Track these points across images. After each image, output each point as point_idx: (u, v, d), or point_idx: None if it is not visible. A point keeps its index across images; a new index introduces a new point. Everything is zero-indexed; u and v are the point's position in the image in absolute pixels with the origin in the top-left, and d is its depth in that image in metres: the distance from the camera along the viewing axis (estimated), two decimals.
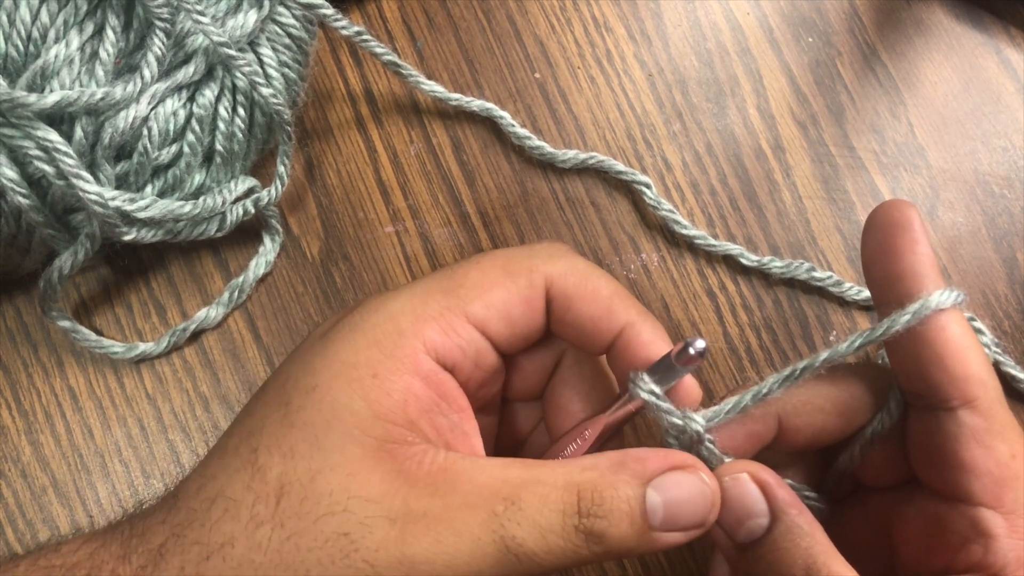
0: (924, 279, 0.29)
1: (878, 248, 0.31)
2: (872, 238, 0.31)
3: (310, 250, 0.44)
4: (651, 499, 0.27)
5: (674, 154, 0.45)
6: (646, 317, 0.31)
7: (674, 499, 0.28)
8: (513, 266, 0.31)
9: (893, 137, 0.45)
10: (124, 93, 0.36)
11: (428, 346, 0.29)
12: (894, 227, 0.30)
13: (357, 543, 0.26)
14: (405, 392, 0.28)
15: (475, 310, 0.30)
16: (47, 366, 0.43)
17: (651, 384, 0.30)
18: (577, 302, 0.31)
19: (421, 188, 0.45)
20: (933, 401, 0.30)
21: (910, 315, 0.29)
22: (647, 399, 0.30)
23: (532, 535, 0.27)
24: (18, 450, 0.42)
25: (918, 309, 0.29)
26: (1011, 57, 0.46)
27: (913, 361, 0.30)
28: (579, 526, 0.27)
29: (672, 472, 0.28)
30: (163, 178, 0.39)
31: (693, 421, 0.30)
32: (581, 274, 0.31)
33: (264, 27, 0.39)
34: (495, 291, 0.30)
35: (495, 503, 0.27)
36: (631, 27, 0.47)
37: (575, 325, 0.31)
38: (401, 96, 0.46)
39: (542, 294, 0.31)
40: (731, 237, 0.44)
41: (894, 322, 0.29)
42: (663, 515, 0.27)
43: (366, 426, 0.28)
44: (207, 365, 0.43)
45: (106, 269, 0.44)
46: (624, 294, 0.31)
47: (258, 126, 0.40)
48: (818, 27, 0.47)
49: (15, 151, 0.36)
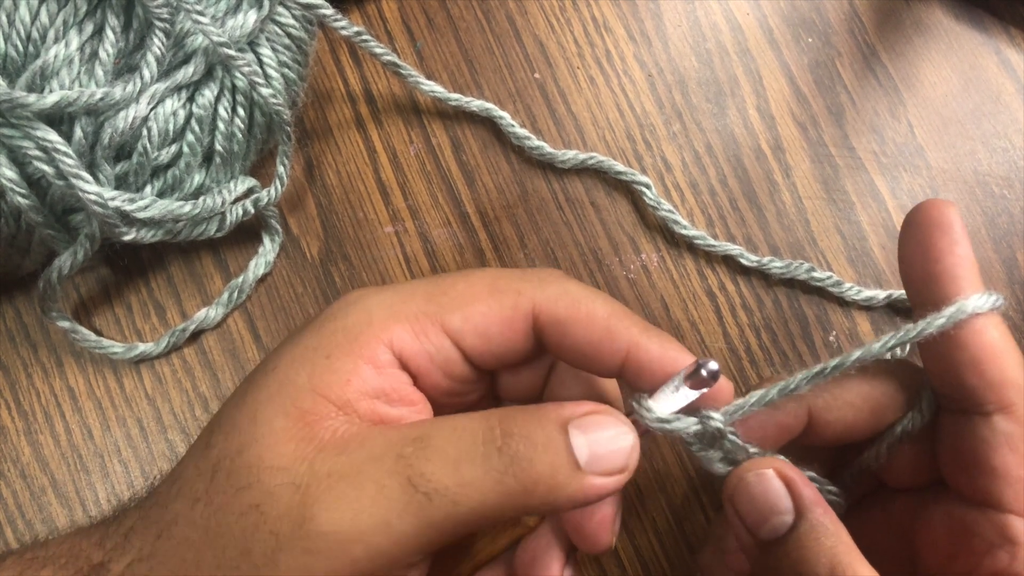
0: (962, 281, 0.29)
1: (916, 248, 0.30)
2: (911, 237, 0.30)
3: (310, 250, 0.44)
4: (575, 437, 0.26)
5: (674, 154, 0.45)
6: (651, 333, 0.30)
7: (597, 439, 0.27)
8: (500, 285, 0.30)
9: (893, 137, 0.45)
10: (124, 93, 0.36)
11: (395, 343, 0.29)
12: (933, 227, 0.29)
13: (266, 514, 0.25)
14: (351, 373, 0.28)
15: (452, 320, 0.29)
16: (47, 366, 0.43)
17: (654, 410, 0.29)
18: (572, 327, 0.29)
19: (421, 188, 0.45)
20: (967, 405, 0.29)
21: (945, 318, 0.28)
22: (654, 427, 0.29)
23: (443, 467, 0.25)
24: (17, 450, 0.42)
25: (954, 312, 0.28)
26: (1011, 57, 0.46)
27: (948, 364, 0.29)
28: (501, 448, 0.26)
29: (592, 414, 0.27)
30: (163, 178, 0.39)
31: (711, 420, 0.29)
32: (572, 298, 0.30)
33: (264, 27, 0.39)
34: (476, 306, 0.30)
35: (403, 446, 0.26)
36: (631, 27, 0.47)
37: (575, 351, 0.30)
38: (401, 96, 0.46)
39: (526, 318, 0.30)
40: (731, 237, 0.44)
41: (929, 324, 0.28)
42: (588, 453, 0.26)
43: (299, 398, 0.27)
44: (207, 365, 0.43)
45: (106, 269, 0.44)
46: (623, 313, 0.30)
47: (258, 126, 0.40)
48: (818, 27, 0.47)
49: (15, 151, 0.36)
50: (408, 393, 0.29)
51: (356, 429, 0.27)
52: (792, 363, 0.43)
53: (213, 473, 0.27)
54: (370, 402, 0.28)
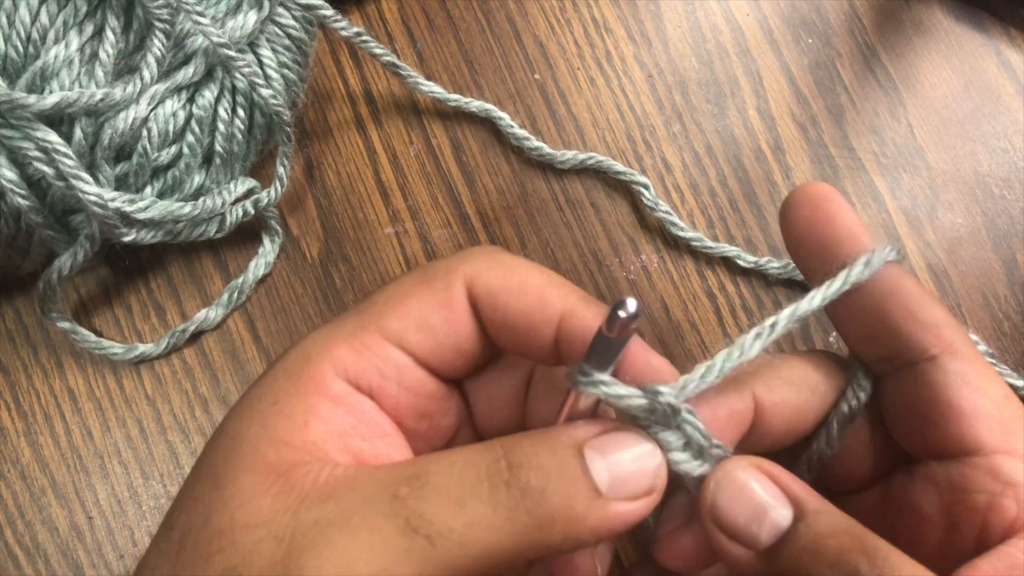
0: (864, 236, 0.28)
1: (808, 220, 0.29)
2: (799, 213, 0.29)
3: (310, 251, 0.44)
4: (592, 460, 0.24)
5: (674, 155, 0.45)
6: (588, 302, 0.27)
7: (617, 461, 0.24)
8: (429, 272, 0.28)
9: (893, 138, 0.46)
10: (124, 94, 0.36)
11: (338, 368, 0.26)
12: (822, 199, 0.29)
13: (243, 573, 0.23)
14: (306, 414, 0.25)
15: (388, 323, 0.27)
16: (46, 367, 0.43)
17: (595, 373, 0.25)
18: (503, 297, 0.27)
19: (421, 189, 0.45)
20: (908, 355, 0.28)
21: (863, 266, 0.27)
22: (594, 392, 0.25)
23: (445, 507, 0.22)
24: (17, 451, 0.42)
25: (871, 259, 0.27)
26: (1011, 58, 0.46)
27: (876, 317, 0.28)
28: (509, 481, 0.23)
29: (608, 432, 0.25)
30: (163, 179, 0.39)
31: (659, 394, 0.25)
32: (504, 267, 0.27)
33: (264, 28, 0.39)
34: (409, 300, 0.27)
35: (398, 486, 0.23)
36: (631, 28, 0.47)
37: (508, 325, 0.27)
38: (401, 97, 0.46)
39: (463, 296, 0.27)
40: (731, 238, 0.44)
41: (850, 274, 0.27)
42: (609, 477, 0.24)
43: (260, 451, 0.25)
44: (207, 366, 0.43)
45: (106, 270, 0.44)
46: (559, 282, 0.27)
47: (258, 127, 0.40)
48: (818, 28, 0.47)
49: (15, 152, 0.36)
50: (378, 420, 0.27)
51: (341, 472, 0.24)
52: None
53: (179, 550, 0.24)
54: (340, 440, 0.25)
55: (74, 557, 0.41)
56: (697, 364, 0.26)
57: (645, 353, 0.27)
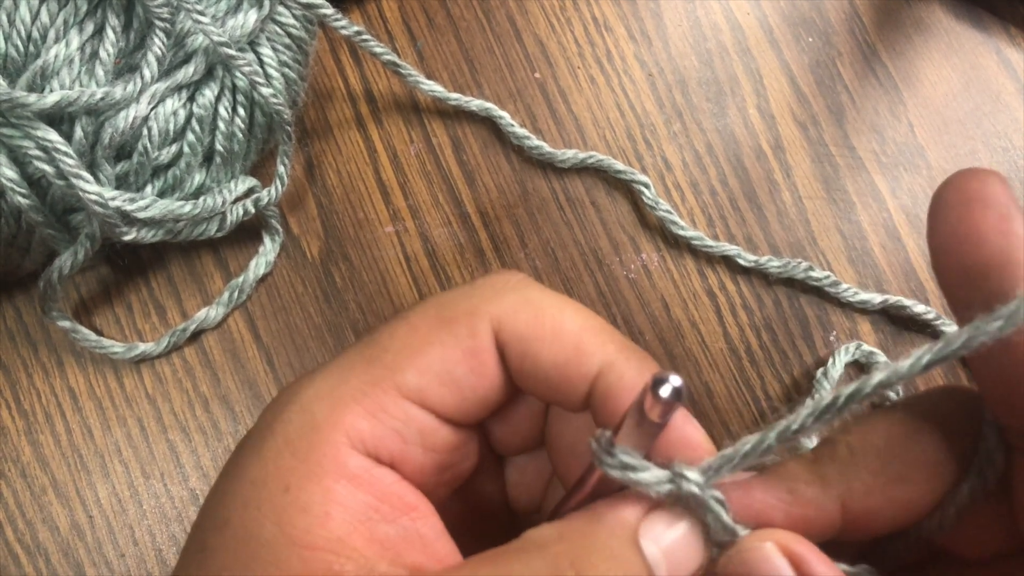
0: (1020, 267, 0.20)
1: (952, 233, 0.21)
2: (942, 221, 0.21)
3: (310, 250, 0.44)
4: (649, 551, 0.22)
5: (674, 154, 0.45)
6: (630, 353, 0.24)
7: (670, 546, 0.22)
8: (448, 312, 0.24)
9: (893, 137, 0.45)
10: (124, 93, 0.36)
11: (353, 438, 0.23)
12: (973, 203, 0.21)
13: None
14: (325, 503, 0.22)
15: (406, 380, 0.23)
16: (47, 366, 0.43)
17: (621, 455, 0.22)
18: (535, 344, 0.24)
19: (421, 188, 0.45)
20: None
21: (1003, 320, 0.19)
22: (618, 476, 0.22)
23: None
24: (18, 450, 0.42)
25: (1014, 312, 0.19)
26: (1011, 57, 0.46)
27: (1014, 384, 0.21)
28: None
29: (655, 513, 0.22)
30: (163, 178, 0.39)
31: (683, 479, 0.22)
32: (535, 308, 0.24)
33: (264, 27, 0.39)
34: (429, 350, 0.24)
35: None
36: (631, 27, 0.47)
37: (538, 375, 0.24)
38: (401, 96, 0.46)
39: (490, 344, 0.24)
40: (731, 237, 0.44)
41: (978, 329, 0.19)
42: (667, 567, 0.22)
43: (281, 560, 0.21)
44: (207, 365, 0.43)
45: (106, 269, 0.44)
46: (597, 327, 0.24)
47: (258, 126, 0.40)
48: (818, 27, 0.47)
49: (15, 151, 0.36)
50: (401, 494, 0.23)
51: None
52: (792, 363, 0.43)
53: None
54: (365, 529, 0.22)
55: (75, 556, 0.41)
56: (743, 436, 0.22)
57: (684, 424, 0.23)
